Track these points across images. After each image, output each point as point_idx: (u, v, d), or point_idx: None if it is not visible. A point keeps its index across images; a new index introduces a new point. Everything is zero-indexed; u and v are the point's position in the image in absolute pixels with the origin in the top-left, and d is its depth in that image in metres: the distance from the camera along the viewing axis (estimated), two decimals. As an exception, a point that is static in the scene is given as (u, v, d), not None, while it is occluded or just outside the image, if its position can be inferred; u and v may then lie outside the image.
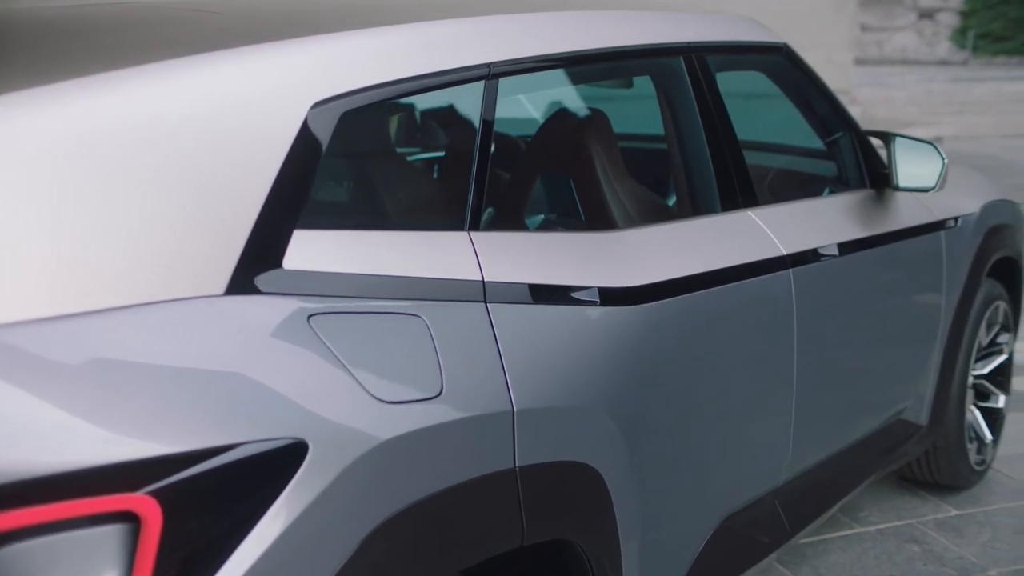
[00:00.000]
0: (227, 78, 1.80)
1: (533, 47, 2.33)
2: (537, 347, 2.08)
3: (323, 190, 1.90)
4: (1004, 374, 4.38)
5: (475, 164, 2.13)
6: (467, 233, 2.08)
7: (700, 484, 2.64)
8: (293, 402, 1.65)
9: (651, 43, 2.70)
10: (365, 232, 1.93)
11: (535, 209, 2.68)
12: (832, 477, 3.26)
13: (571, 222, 2.73)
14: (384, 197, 2.19)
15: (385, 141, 2.17)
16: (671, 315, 2.41)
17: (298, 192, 1.81)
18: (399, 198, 2.21)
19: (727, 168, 2.80)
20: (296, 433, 1.62)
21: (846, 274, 3.16)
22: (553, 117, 2.92)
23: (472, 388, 1.92)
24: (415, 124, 2.23)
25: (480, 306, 2.00)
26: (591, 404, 2.19)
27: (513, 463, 1.98)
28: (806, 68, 3.30)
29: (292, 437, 1.62)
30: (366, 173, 2.17)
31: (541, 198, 2.72)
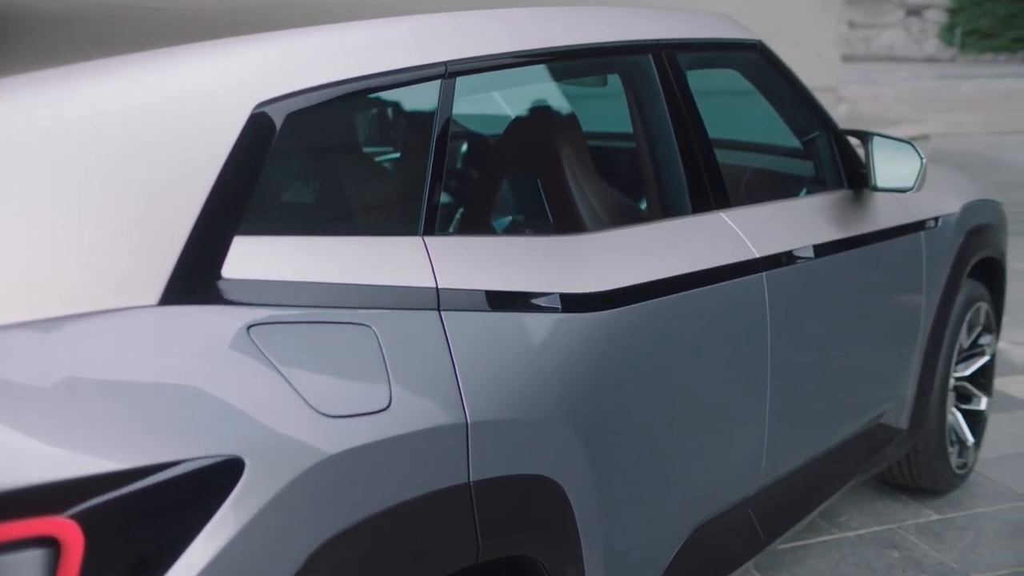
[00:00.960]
0: (165, 77, 1.72)
1: (493, 45, 2.25)
2: (494, 356, 2.01)
3: (267, 194, 1.82)
4: (986, 376, 4.32)
5: (431, 166, 2.06)
6: (421, 238, 2.00)
7: (669, 494, 2.57)
8: (229, 418, 1.57)
9: (618, 40, 2.62)
10: (311, 238, 1.85)
11: (501, 212, 2.60)
12: (809, 484, 3.19)
13: (538, 225, 2.65)
14: (332, 201, 2.11)
15: (334, 142, 2.09)
16: (636, 321, 2.34)
17: (239, 196, 1.73)
18: (348, 202, 2.13)
19: (698, 169, 2.72)
20: (231, 450, 1.55)
21: (822, 276, 3.08)
22: (519, 117, 2.84)
23: (423, 400, 1.85)
24: (367, 125, 2.15)
25: (433, 314, 1.92)
26: (552, 415, 2.12)
27: (467, 478, 1.90)
28: (782, 66, 3.23)
29: (227, 454, 1.54)
30: (313, 176, 2.09)
31: (507, 200, 2.64)
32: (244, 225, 1.73)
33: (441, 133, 2.08)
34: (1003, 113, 17.76)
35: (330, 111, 1.94)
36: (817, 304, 3.07)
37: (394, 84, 2.04)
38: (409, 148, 2.14)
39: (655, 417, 2.45)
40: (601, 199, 2.67)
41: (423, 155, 2.07)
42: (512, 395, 2.02)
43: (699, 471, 2.67)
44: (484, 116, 2.86)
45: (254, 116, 1.77)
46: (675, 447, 2.55)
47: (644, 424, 2.42)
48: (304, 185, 2.07)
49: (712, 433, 2.68)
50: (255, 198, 1.76)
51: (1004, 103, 18.41)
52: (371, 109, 2.11)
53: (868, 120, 13.44)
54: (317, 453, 1.66)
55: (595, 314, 2.23)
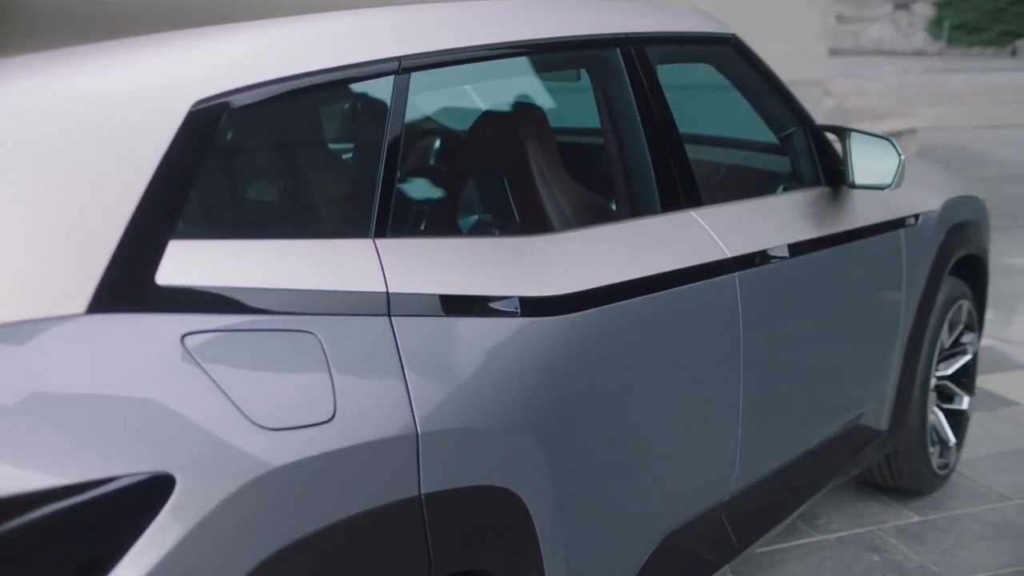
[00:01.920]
0: (97, 73, 1.64)
1: (451, 39, 2.17)
2: (447, 363, 1.93)
3: (206, 195, 1.74)
4: (968, 375, 4.25)
5: (382, 165, 1.98)
6: (372, 240, 1.92)
7: (637, 501, 2.49)
8: (158, 433, 1.49)
9: (584, 34, 2.54)
10: (253, 241, 1.77)
11: (461, 212, 2.52)
12: (784, 489, 3.12)
13: (500, 225, 2.57)
14: (276, 203, 2.03)
15: (279, 141, 2.01)
16: (600, 324, 2.26)
17: (175, 198, 1.65)
18: (294, 204, 2.05)
19: (668, 166, 2.64)
20: (160, 467, 1.47)
21: (798, 276, 3.01)
22: (480, 114, 2.76)
23: (370, 410, 1.77)
24: (315, 123, 2.07)
25: (383, 320, 1.85)
26: (510, 424, 2.04)
27: (417, 490, 1.83)
28: (756, 60, 3.15)
29: (155, 471, 1.47)
30: (256, 176, 2.01)
31: (467, 200, 2.56)
32: (180, 228, 1.65)
33: (394, 131, 2.00)
34: (990, 107, 17.72)
35: (274, 109, 1.86)
36: (792, 304, 3.00)
37: (344, 80, 1.96)
38: (360, 147, 2.06)
39: (621, 423, 2.38)
40: (567, 198, 2.60)
41: (375, 154, 1.99)
42: (467, 404, 1.95)
43: (669, 477, 2.60)
44: (443, 113, 2.77)
45: (192, 114, 1.69)
46: (643, 453, 2.47)
47: (609, 431, 2.35)
48: (246, 186, 1.99)
49: (682, 438, 2.61)
50: (193, 200, 1.68)
51: (991, 97, 18.36)
52: (319, 106, 2.03)
53: (855, 114, 13.38)
54: (255, 467, 1.58)
55: (556, 318, 2.16)
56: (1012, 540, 3.75)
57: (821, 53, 12.82)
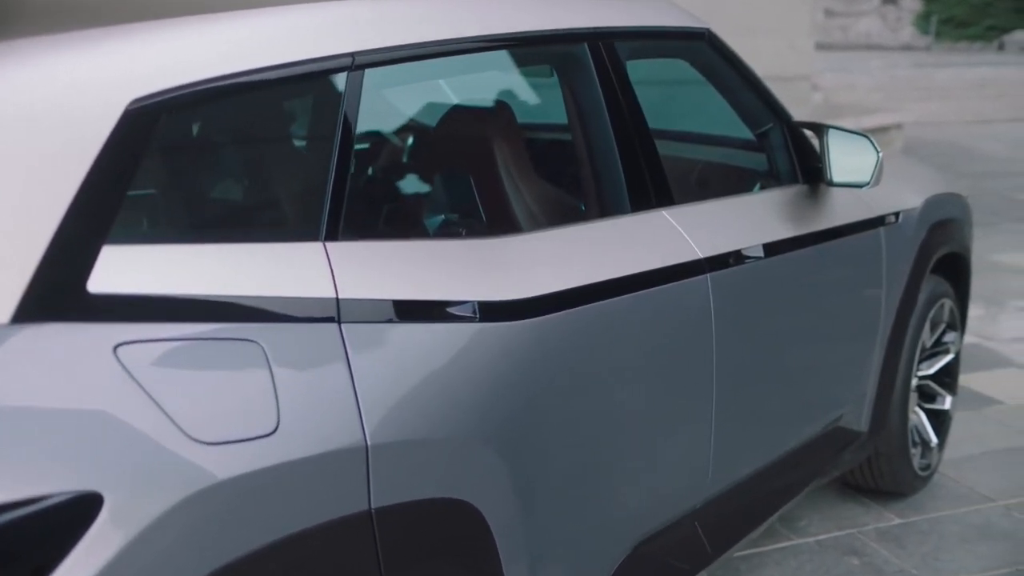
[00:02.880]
0: (26, 70, 1.56)
1: (408, 35, 2.09)
2: (401, 372, 1.86)
3: (143, 199, 1.67)
4: (951, 374, 4.19)
5: (334, 165, 1.90)
6: (322, 244, 1.85)
7: (605, 510, 2.42)
8: (86, 449, 1.42)
9: (549, 29, 2.46)
10: (192, 246, 1.70)
11: (419, 213, 2.44)
12: (760, 494, 3.05)
13: (465, 227, 2.49)
14: (219, 205, 1.95)
15: (223, 141, 1.93)
16: (564, 329, 2.19)
17: (110, 201, 1.58)
18: (238, 206, 1.97)
19: (638, 165, 2.57)
20: (87, 485, 1.40)
21: (774, 276, 2.94)
22: (445, 112, 2.68)
23: (315, 422, 1.70)
24: (262, 121, 1.98)
25: (332, 327, 1.77)
26: (468, 433, 1.97)
27: (367, 504, 1.75)
28: (732, 55, 3.07)
29: (80, 491, 1.39)
30: (198, 178, 1.93)
31: (426, 201, 2.48)
32: (115, 233, 1.58)
33: (346, 130, 1.93)
34: (977, 102, 17.70)
35: (219, 107, 1.78)
36: (767, 305, 2.93)
37: (294, 77, 1.89)
38: (311, 147, 1.99)
39: (587, 430, 2.31)
40: (533, 198, 2.53)
41: (326, 154, 1.91)
42: (421, 414, 1.87)
43: (638, 485, 2.53)
44: (400, 110, 2.69)
45: (129, 113, 1.61)
46: (611, 461, 2.40)
47: (575, 438, 2.27)
48: (187, 188, 1.90)
49: (652, 445, 2.54)
50: (128, 203, 1.61)
51: (978, 91, 18.35)
52: (267, 105, 1.95)
53: (843, 109, 13.35)
54: (191, 484, 1.51)
55: (517, 323, 2.08)
56: (994, 543, 3.69)
57: (808, 48, 12.77)
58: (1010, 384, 5.28)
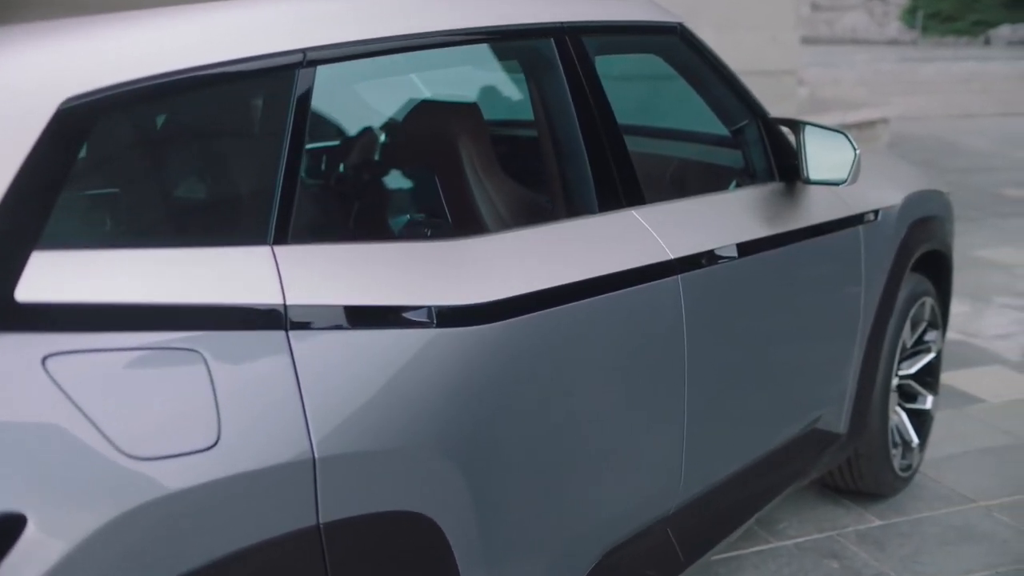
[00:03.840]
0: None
1: (364, 30, 2.02)
2: (352, 380, 1.79)
3: (76, 202, 1.60)
4: (932, 374, 4.13)
5: (283, 166, 1.82)
6: (270, 247, 1.77)
7: (571, 520, 2.35)
8: (10, 467, 1.35)
9: (514, 23, 2.39)
10: (130, 251, 1.62)
11: (379, 214, 2.36)
12: (735, 499, 2.98)
13: (422, 228, 2.42)
14: (159, 209, 1.87)
15: (164, 141, 1.86)
16: (526, 334, 2.12)
17: (40, 205, 1.50)
18: (180, 210, 1.89)
19: (606, 164, 2.50)
20: (10, 506, 1.32)
21: (748, 277, 2.87)
22: (402, 110, 2.60)
23: (259, 434, 1.63)
24: (206, 121, 1.91)
25: (279, 335, 1.70)
26: (424, 444, 1.90)
27: (315, 519, 1.68)
28: (705, 50, 3.00)
29: (2, 511, 1.31)
30: (136, 181, 1.85)
31: (386, 202, 2.41)
32: (46, 239, 1.50)
33: (297, 128, 1.85)
34: (963, 96, 17.68)
35: (159, 106, 1.71)
36: (742, 307, 2.86)
37: (240, 74, 1.81)
38: (259, 147, 1.91)
39: (551, 438, 2.24)
40: (495, 199, 2.45)
41: (275, 154, 1.84)
42: (374, 424, 1.80)
43: (606, 493, 2.46)
44: (355, 108, 2.61)
45: (61, 113, 1.54)
46: (576, 468, 2.33)
47: (538, 446, 2.20)
48: (125, 191, 1.83)
49: (620, 451, 2.47)
50: (60, 207, 1.53)
51: (964, 86, 18.32)
52: (212, 103, 1.87)
53: (828, 104, 13.29)
54: (124, 502, 1.44)
55: (476, 328, 2.01)
56: (974, 545, 3.64)
57: (794, 42, 12.71)
58: (993, 382, 5.23)
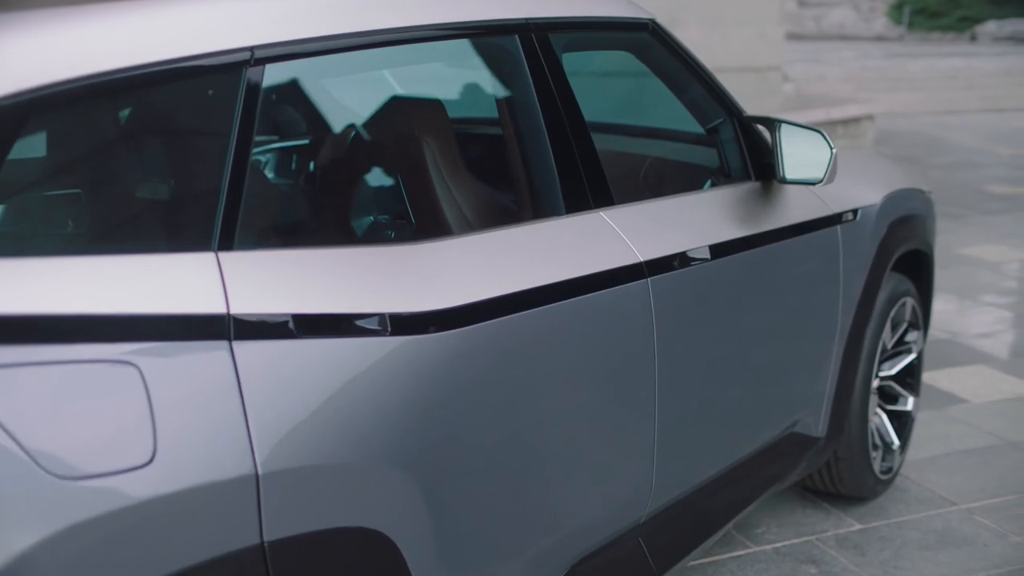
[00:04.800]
0: None
1: (316, 27, 1.94)
2: (300, 392, 1.72)
3: (4, 208, 1.52)
4: (913, 375, 4.07)
5: (229, 168, 1.75)
6: (214, 254, 1.70)
7: (536, 531, 2.28)
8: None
9: (477, 20, 2.32)
10: (62, 259, 1.55)
11: (332, 219, 2.28)
12: (708, 507, 2.92)
13: (379, 232, 2.35)
14: (93, 214, 1.79)
15: (102, 143, 1.79)
16: (486, 341, 2.05)
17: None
18: (117, 214, 1.81)
19: (573, 164, 2.43)
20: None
21: (722, 279, 2.81)
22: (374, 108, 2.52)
23: (197, 450, 1.56)
24: (147, 121, 1.84)
25: (222, 345, 1.63)
26: (379, 457, 1.83)
27: (259, 538, 1.61)
28: (678, 47, 2.93)
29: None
30: (71, 184, 1.78)
31: (340, 205, 2.33)
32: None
33: (244, 129, 1.78)
34: (949, 92, 17.65)
35: (96, 107, 1.63)
36: (715, 310, 2.79)
37: (184, 73, 1.74)
38: (203, 149, 1.84)
39: (513, 448, 2.17)
40: (457, 201, 2.38)
41: (220, 156, 1.76)
42: (324, 437, 1.73)
43: (571, 503, 2.39)
44: (307, 108, 2.53)
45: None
46: (539, 479, 2.27)
47: (500, 456, 2.13)
48: (59, 196, 1.75)
49: (585, 460, 2.40)
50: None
51: (950, 82, 18.30)
52: (153, 103, 1.80)
53: (814, 100, 13.25)
54: (49, 525, 1.37)
55: (433, 336, 1.94)
56: (954, 549, 3.58)
57: (779, 38, 12.67)
58: (976, 382, 5.18)
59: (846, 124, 12.42)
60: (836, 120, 12.20)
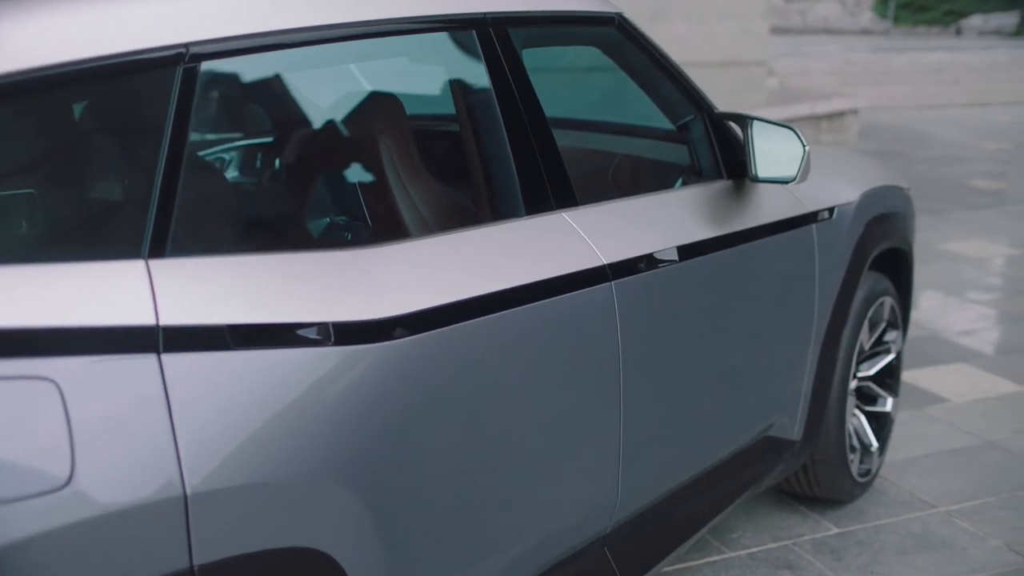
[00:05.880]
0: None
1: (258, 22, 1.86)
2: (235, 407, 1.63)
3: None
4: (892, 375, 4.00)
5: (161, 170, 1.66)
6: (144, 262, 1.62)
7: (492, 546, 2.20)
8: None
9: (432, 14, 2.23)
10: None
11: (274, 223, 2.19)
12: (677, 514, 2.84)
13: (325, 237, 2.26)
14: (13, 219, 1.70)
15: (23, 145, 1.70)
16: (439, 350, 1.96)
17: None
18: (38, 220, 1.72)
19: (534, 164, 2.34)
20: None
21: (691, 281, 2.73)
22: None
23: (120, 471, 1.47)
24: (74, 122, 1.75)
25: (150, 359, 1.54)
26: (320, 473, 1.75)
27: (188, 562, 1.53)
28: (646, 42, 2.85)
29: None
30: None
31: (282, 209, 2.24)
32: None
33: (178, 130, 1.69)
34: (933, 87, 17.61)
35: (16, 107, 1.55)
36: (684, 313, 2.71)
37: (111, 72, 1.65)
38: (134, 150, 1.75)
39: (468, 461, 2.09)
40: (411, 203, 2.30)
41: (152, 158, 1.68)
42: (261, 454, 1.65)
43: (530, 515, 2.31)
44: (247, 108, 2.44)
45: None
46: (498, 491, 2.19)
47: (453, 470, 2.05)
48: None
49: (547, 469, 2.32)
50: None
51: (935, 76, 18.25)
52: (79, 102, 1.72)
53: (799, 94, 13.19)
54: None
55: (381, 345, 1.85)
56: (932, 553, 3.51)
57: (763, 32, 12.60)
58: (957, 380, 5.12)
59: (830, 118, 12.37)
60: (821, 114, 12.14)
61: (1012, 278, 7.18)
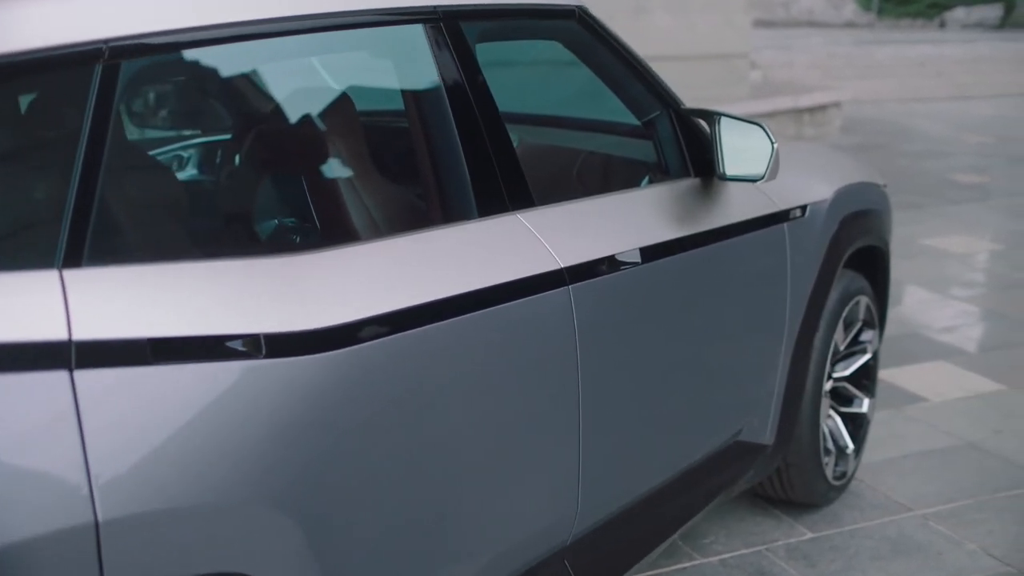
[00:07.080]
0: None
1: (188, 16, 1.76)
2: (152, 427, 1.54)
3: None
4: (869, 375, 3.92)
5: (78, 174, 1.57)
6: (57, 271, 1.52)
7: (442, 563, 2.11)
8: None
9: (378, 7, 2.13)
10: None
11: (203, 229, 2.09)
12: (643, 523, 2.75)
13: (257, 242, 2.16)
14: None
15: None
16: (378, 361, 1.87)
17: None
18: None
19: (487, 163, 2.25)
20: None
21: (654, 283, 2.64)
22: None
23: (21, 497, 1.37)
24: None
25: (60, 376, 1.45)
26: (246, 495, 1.66)
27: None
28: (609, 35, 2.75)
29: None
30: None
31: (212, 214, 2.14)
32: None
33: (96, 131, 1.60)
34: (917, 80, 17.57)
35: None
36: (647, 317, 2.62)
37: (24, 70, 1.56)
38: (47, 153, 1.65)
39: (413, 477, 1.99)
40: (360, 205, 2.20)
41: (67, 161, 1.58)
42: (181, 476, 1.56)
43: (486, 528, 2.22)
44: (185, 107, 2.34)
45: None
46: (448, 506, 2.09)
47: (395, 487, 1.96)
48: None
49: (500, 482, 2.23)
50: None
51: (918, 70, 18.21)
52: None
53: (781, 87, 13.14)
54: None
55: (316, 356, 1.76)
56: (907, 558, 3.44)
57: (746, 25, 12.54)
58: (937, 379, 5.04)
59: (813, 112, 12.32)
60: (803, 108, 12.09)
61: (994, 274, 7.11)
